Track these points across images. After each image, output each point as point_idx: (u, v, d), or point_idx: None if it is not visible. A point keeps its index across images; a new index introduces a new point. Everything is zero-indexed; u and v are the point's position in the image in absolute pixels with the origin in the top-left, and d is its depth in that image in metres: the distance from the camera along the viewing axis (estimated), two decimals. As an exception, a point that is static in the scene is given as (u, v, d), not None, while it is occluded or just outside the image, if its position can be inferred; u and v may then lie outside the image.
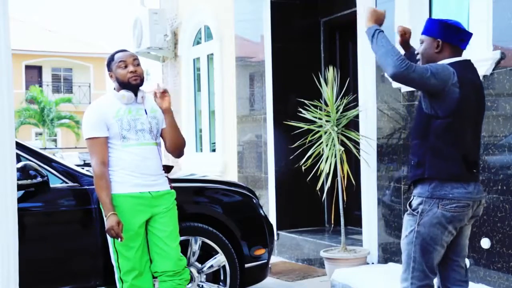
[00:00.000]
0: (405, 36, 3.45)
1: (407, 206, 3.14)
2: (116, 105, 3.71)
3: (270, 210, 6.88)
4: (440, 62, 3.09)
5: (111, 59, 3.77)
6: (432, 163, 3.03)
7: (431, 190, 3.02)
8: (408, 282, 3.12)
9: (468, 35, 3.17)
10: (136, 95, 3.72)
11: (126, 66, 3.70)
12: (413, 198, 3.13)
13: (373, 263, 5.62)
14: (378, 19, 3.17)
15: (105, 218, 3.58)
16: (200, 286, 4.31)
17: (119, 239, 3.54)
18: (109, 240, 3.66)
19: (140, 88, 3.76)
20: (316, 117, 5.66)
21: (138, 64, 3.74)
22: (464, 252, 3.25)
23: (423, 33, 3.18)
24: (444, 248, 3.10)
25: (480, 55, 4.37)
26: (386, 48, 3.01)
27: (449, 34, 3.10)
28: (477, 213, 3.18)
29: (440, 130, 3.02)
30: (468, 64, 3.15)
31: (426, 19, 3.27)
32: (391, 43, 3.04)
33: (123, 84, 3.71)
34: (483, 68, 4.33)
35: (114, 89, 3.78)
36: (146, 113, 3.74)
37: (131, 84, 3.69)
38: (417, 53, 3.24)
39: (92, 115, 3.70)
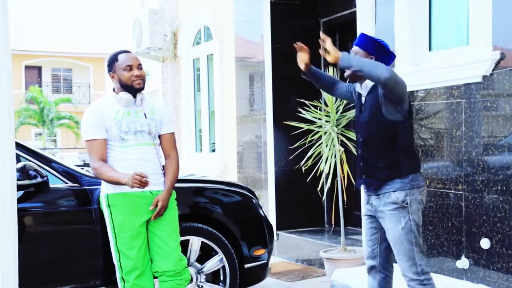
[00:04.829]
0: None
1: (390, 204, 3.35)
2: (115, 107, 3.72)
3: (270, 210, 6.88)
4: None
5: (114, 60, 3.74)
6: (406, 161, 3.38)
7: (411, 182, 3.36)
8: (416, 266, 3.35)
9: (393, 57, 3.54)
10: (135, 97, 3.73)
11: (131, 69, 3.70)
12: (392, 194, 3.35)
13: (372, 264, 5.60)
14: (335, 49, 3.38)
15: (128, 182, 3.47)
16: (200, 286, 4.30)
17: (148, 182, 3.46)
18: (111, 240, 3.67)
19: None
20: (316, 118, 5.66)
21: (142, 68, 3.75)
22: None
23: (358, 45, 3.47)
24: None
25: (480, 55, 4.37)
26: (370, 62, 3.28)
27: (382, 54, 3.45)
28: None
29: (407, 131, 3.41)
30: None
31: (360, 34, 3.56)
32: None
33: (126, 87, 3.71)
34: (483, 68, 4.32)
35: (113, 90, 3.78)
36: (145, 116, 3.75)
37: (134, 88, 3.70)
38: None
39: (91, 118, 3.70)
